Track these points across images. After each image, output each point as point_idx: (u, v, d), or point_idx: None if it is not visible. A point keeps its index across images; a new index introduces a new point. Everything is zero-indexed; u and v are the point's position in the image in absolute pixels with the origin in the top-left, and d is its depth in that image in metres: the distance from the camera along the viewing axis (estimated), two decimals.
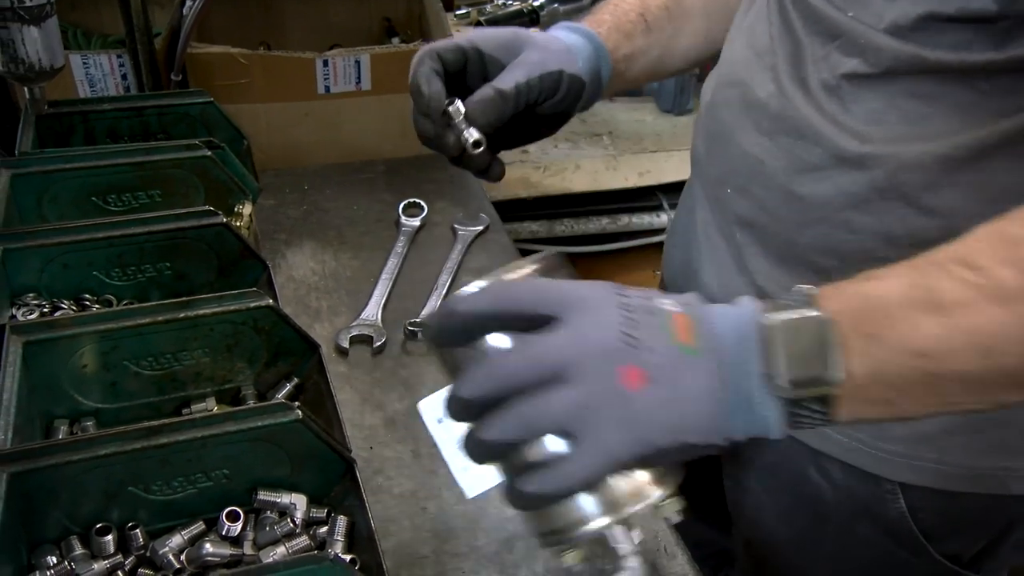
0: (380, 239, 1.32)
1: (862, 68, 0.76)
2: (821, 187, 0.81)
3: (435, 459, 0.97)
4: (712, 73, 0.98)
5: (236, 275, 1.03)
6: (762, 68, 0.86)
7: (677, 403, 0.56)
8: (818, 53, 0.80)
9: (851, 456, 0.88)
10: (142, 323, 0.87)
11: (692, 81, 1.87)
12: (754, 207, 0.87)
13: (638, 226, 1.80)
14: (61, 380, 0.87)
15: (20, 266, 0.96)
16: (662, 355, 0.56)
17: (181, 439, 0.76)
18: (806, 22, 0.81)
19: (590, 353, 0.55)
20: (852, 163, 0.78)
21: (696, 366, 0.57)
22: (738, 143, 0.88)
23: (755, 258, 0.89)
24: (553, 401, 0.56)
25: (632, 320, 0.56)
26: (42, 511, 0.75)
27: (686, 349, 0.57)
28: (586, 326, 0.56)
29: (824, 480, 0.91)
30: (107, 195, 1.09)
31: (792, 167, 0.83)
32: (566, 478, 0.56)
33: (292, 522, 0.80)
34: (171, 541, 0.78)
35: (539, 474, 0.57)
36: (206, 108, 1.23)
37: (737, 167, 0.88)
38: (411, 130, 0.88)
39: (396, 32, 1.68)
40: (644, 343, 0.56)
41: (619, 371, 0.55)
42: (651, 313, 0.57)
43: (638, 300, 0.58)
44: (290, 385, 0.95)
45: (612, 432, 0.56)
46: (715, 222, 0.94)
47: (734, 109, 0.89)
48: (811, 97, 0.81)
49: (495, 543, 0.88)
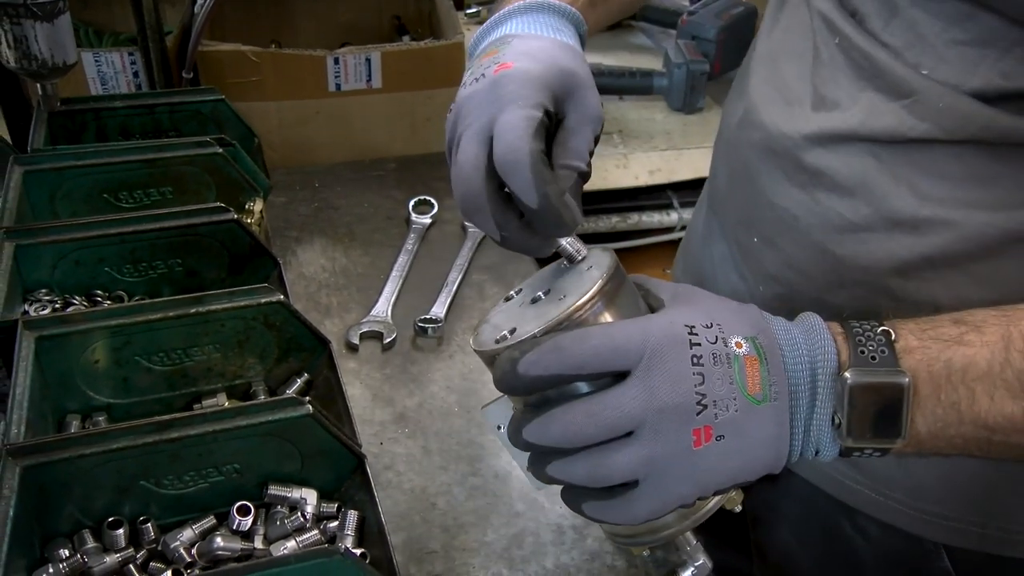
0: (390, 236, 1.32)
1: (936, 133, 0.67)
2: (864, 249, 0.73)
3: (445, 455, 0.98)
4: (733, 94, 0.90)
5: (247, 272, 1.04)
6: (794, 118, 0.76)
7: (742, 454, 0.56)
8: (880, 108, 0.69)
9: (888, 515, 0.83)
10: (153, 319, 0.88)
11: (703, 80, 1.86)
12: (780, 262, 0.79)
13: (648, 224, 1.79)
14: (73, 375, 0.87)
15: (33, 262, 0.96)
16: (731, 410, 0.55)
17: (192, 434, 0.77)
18: (860, 72, 0.71)
19: (662, 414, 0.55)
20: (906, 227, 0.71)
21: (764, 416, 0.56)
22: (764, 191, 0.79)
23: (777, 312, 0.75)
24: (622, 457, 0.56)
25: (704, 374, 0.55)
26: (55, 505, 0.75)
27: (754, 400, 0.56)
28: (658, 385, 0.55)
29: (858, 535, 0.86)
30: (119, 192, 1.10)
31: (831, 225, 0.74)
32: (627, 516, 0.57)
33: (302, 517, 0.80)
34: (182, 535, 0.78)
35: (602, 504, 0.58)
36: (217, 106, 1.23)
37: (764, 216, 0.80)
38: (421, 128, 0.87)
39: (406, 30, 1.69)
40: (715, 400, 0.55)
41: (689, 430, 0.55)
42: (722, 362, 0.56)
43: (709, 346, 0.56)
44: (300, 381, 0.95)
45: (676, 482, 0.56)
46: (732, 261, 0.87)
47: (758, 152, 0.80)
48: (864, 156, 0.71)
49: (504, 539, 0.88)
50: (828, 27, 0.74)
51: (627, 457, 0.55)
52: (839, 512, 0.86)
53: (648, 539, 0.66)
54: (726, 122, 0.90)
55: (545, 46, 0.67)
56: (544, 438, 0.56)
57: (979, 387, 0.56)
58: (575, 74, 0.65)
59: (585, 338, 0.55)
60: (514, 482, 0.94)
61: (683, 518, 0.65)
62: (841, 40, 0.72)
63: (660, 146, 1.79)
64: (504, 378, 0.57)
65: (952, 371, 0.56)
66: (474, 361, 1.10)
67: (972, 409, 0.56)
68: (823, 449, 0.59)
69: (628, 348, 0.55)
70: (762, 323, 0.59)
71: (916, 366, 0.57)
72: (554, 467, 0.57)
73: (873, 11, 0.70)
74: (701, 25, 1.91)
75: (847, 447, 0.58)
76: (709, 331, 0.56)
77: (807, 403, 0.57)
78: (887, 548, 0.85)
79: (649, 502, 0.57)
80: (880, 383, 0.56)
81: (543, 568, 0.86)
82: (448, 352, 1.12)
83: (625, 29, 2.17)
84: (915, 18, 0.67)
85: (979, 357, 0.56)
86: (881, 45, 0.69)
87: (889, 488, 0.82)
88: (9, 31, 1.03)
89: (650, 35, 2.18)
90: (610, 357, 0.55)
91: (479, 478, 0.95)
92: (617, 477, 0.56)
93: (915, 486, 0.80)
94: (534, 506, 0.92)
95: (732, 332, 0.57)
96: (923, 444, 0.58)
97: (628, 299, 0.62)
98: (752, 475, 0.58)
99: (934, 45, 0.66)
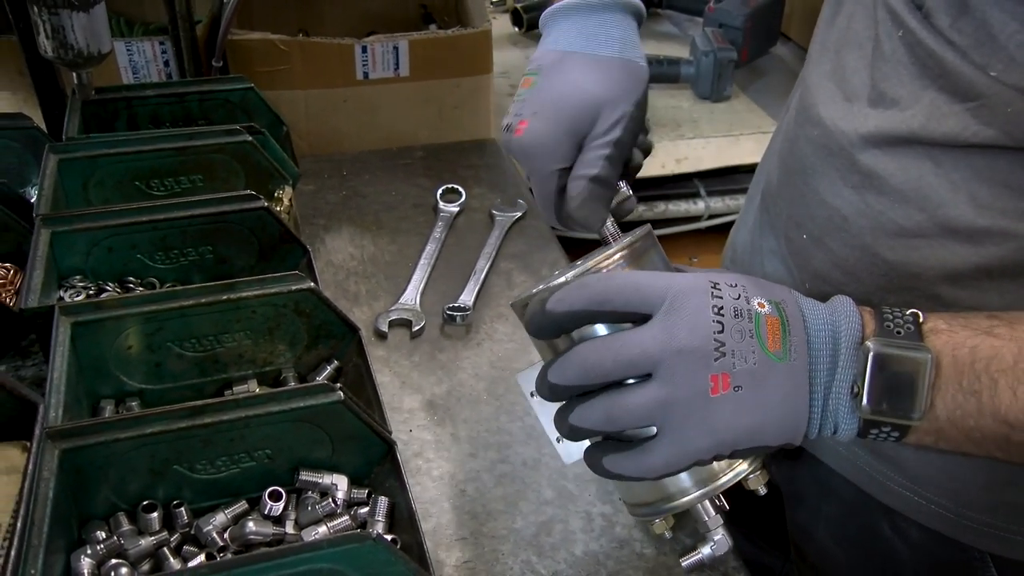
0: (418, 224, 1.33)
1: (1002, 140, 0.63)
2: (916, 255, 0.71)
3: (474, 442, 0.98)
4: (797, 88, 0.87)
5: (276, 259, 1.04)
6: (852, 115, 0.73)
7: (759, 409, 0.57)
8: (942, 110, 0.66)
9: (931, 520, 0.81)
10: (185, 305, 0.89)
11: (731, 68, 1.85)
12: (829, 262, 0.78)
13: (675, 213, 1.78)
14: (107, 361, 0.88)
15: (67, 249, 0.98)
16: (749, 362, 0.56)
17: (224, 419, 0.77)
18: (923, 70, 0.67)
19: (679, 355, 0.56)
20: (961, 236, 0.68)
21: (782, 374, 0.57)
22: (816, 189, 0.77)
23: None
24: (638, 397, 0.57)
25: (724, 324, 0.56)
26: (91, 487, 0.76)
27: (774, 356, 0.57)
28: (678, 327, 0.56)
29: (899, 538, 0.84)
30: (150, 180, 1.11)
31: (882, 229, 0.72)
32: (644, 467, 0.59)
33: (333, 502, 0.81)
34: (215, 519, 0.79)
35: (622, 456, 0.59)
36: (246, 94, 1.24)
37: (815, 215, 0.78)
38: (449, 115, 0.88)
39: (433, 19, 1.68)
40: (733, 349, 0.56)
41: (706, 376, 0.56)
42: (743, 317, 0.57)
43: (731, 301, 0.57)
44: (330, 368, 0.96)
45: (692, 432, 0.57)
46: (780, 256, 0.86)
47: (814, 148, 0.78)
48: (922, 160, 0.69)
49: (534, 526, 0.89)
50: (892, 18, 0.70)
51: (643, 398, 0.57)
52: (879, 513, 0.85)
53: (665, 507, 0.66)
54: (786, 115, 0.88)
55: (570, 80, 0.77)
56: (564, 376, 0.59)
57: (1003, 380, 0.55)
58: (594, 102, 0.76)
59: (610, 278, 0.60)
60: (543, 470, 0.94)
61: (701, 484, 0.65)
62: (905, 34, 0.68)
63: (687, 134, 1.78)
64: (534, 318, 0.61)
65: (977, 359, 0.56)
66: (502, 349, 1.11)
67: (993, 401, 0.55)
68: (841, 422, 0.58)
69: (651, 291, 0.58)
70: (788, 295, 0.60)
71: (941, 347, 0.57)
72: (575, 414, 0.59)
73: (941, 6, 0.65)
74: (728, 12, 1.90)
75: (865, 420, 0.58)
76: (733, 289, 0.58)
77: (827, 369, 0.58)
78: (929, 553, 0.83)
79: (665, 452, 0.57)
80: (902, 355, 0.56)
81: (572, 556, 0.86)
82: (476, 340, 1.12)
83: (651, 17, 2.16)
84: (986, 16, 0.62)
85: (1006, 351, 0.56)
86: (947, 43, 0.65)
87: (933, 492, 0.80)
88: (47, 21, 1.04)
89: (676, 23, 2.16)
90: (633, 295, 0.58)
91: (508, 465, 0.95)
92: (633, 419, 0.58)
93: (960, 491, 0.78)
94: (563, 494, 0.92)
95: (755, 294, 0.59)
96: (942, 432, 0.57)
97: (656, 263, 0.68)
98: (771, 438, 0.58)
99: (1005, 46, 0.61)
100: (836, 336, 0.58)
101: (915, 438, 0.58)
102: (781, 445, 0.59)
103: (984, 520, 0.79)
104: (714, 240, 1.74)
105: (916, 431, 0.58)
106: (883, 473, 0.83)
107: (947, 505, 0.80)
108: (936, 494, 0.80)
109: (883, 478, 0.83)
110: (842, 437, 0.59)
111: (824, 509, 0.92)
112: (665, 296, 0.57)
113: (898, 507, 0.83)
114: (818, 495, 0.92)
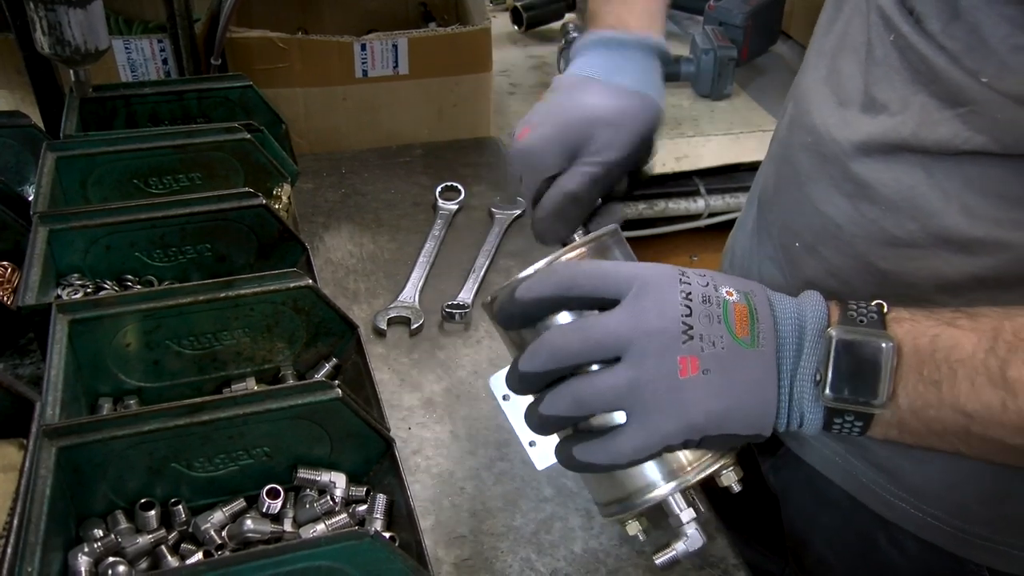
0: (417, 222, 1.32)
1: (992, 147, 0.63)
2: (910, 265, 0.71)
3: (473, 440, 0.98)
4: (791, 95, 0.86)
5: (275, 257, 1.04)
6: (845, 122, 0.73)
7: (727, 394, 0.57)
8: (933, 116, 0.66)
9: (927, 533, 0.81)
10: (184, 303, 0.88)
11: (731, 66, 1.84)
12: (823, 270, 0.78)
13: (675, 211, 1.77)
14: (105, 358, 0.88)
15: (65, 247, 0.97)
16: (718, 346, 0.56)
17: (223, 416, 0.77)
18: (914, 75, 0.67)
19: (648, 336, 0.56)
20: (955, 246, 0.68)
21: (749, 360, 0.57)
22: (810, 196, 0.77)
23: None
24: (607, 379, 0.57)
25: (692, 308, 0.57)
26: (89, 485, 0.76)
27: (742, 342, 0.57)
28: (646, 310, 0.57)
29: (896, 550, 0.84)
30: (149, 177, 1.10)
31: (875, 238, 0.72)
32: (615, 453, 0.58)
33: (332, 500, 0.81)
34: (213, 517, 0.79)
35: (591, 444, 0.59)
36: (245, 92, 1.24)
37: (808, 222, 0.78)
38: (448, 114, 0.88)
39: (432, 17, 1.68)
40: (702, 333, 0.56)
41: (674, 357, 0.56)
42: (711, 302, 0.57)
43: (699, 288, 0.58)
44: (329, 365, 0.95)
45: (661, 415, 0.57)
46: (776, 262, 0.86)
47: (808, 156, 0.78)
48: (914, 168, 0.68)
49: (533, 523, 0.88)
50: (884, 22, 0.69)
51: (612, 380, 0.57)
52: (875, 524, 0.85)
53: (636, 502, 0.64)
54: (780, 120, 0.88)
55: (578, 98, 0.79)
56: (534, 363, 0.59)
57: (961, 370, 0.55)
58: (594, 120, 0.77)
59: (578, 264, 0.62)
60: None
61: (670, 477, 0.63)
62: (897, 38, 0.68)
63: (687, 132, 1.77)
64: (503, 308, 0.62)
65: (938, 348, 0.56)
66: (501, 346, 1.10)
67: (952, 392, 0.55)
68: (806, 411, 0.58)
69: (619, 277, 0.59)
70: (758, 287, 0.60)
71: (903, 335, 0.57)
72: (544, 403, 0.59)
73: (932, 11, 0.64)
74: (728, 11, 1.89)
75: (828, 408, 0.57)
76: (701, 278, 0.59)
77: (792, 356, 0.58)
78: (926, 565, 0.83)
79: (635, 436, 0.57)
80: (863, 340, 0.56)
81: (572, 553, 0.86)
82: (475, 337, 1.12)
83: None
84: (978, 21, 0.61)
85: (966, 340, 0.56)
86: (939, 48, 0.64)
87: (930, 504, 0.80)
88: (44, 17, 1.04)
89: (676, 21, 2.16)
90: (601, 281, 0.59)
91: (507, 463, 0.95)
92: (602, 402, 0.58)
93: (958, 503, 0.78)
94: (563, 491, 0.92)
95: (724, 284, 0.59)
96: (904, 424, 0.57)
97: (623, 256, 0.69)
98: (739, 425, 0.57)
99: (997, 50, 0.60)
100: (802, 325, 0.58)
101: (879, 430, 0.58)
102: (750, 436, 0.58)
103: (982, 533, 0.78)
104: (714, 238, 1.74)
105: (879, 422, 0.57)
106: (878, 483, 0.83)
107: (945, 518, 0.79)
108: (933, 506, 0.79)
109: (879, 488, 0.83)
110: (808, 429, 0.59)
111: (820, 519, 0.92)
112: (633, 282, 0.58)
113: (894, 519, 0.83)
114: (814, 504, 0.92)
